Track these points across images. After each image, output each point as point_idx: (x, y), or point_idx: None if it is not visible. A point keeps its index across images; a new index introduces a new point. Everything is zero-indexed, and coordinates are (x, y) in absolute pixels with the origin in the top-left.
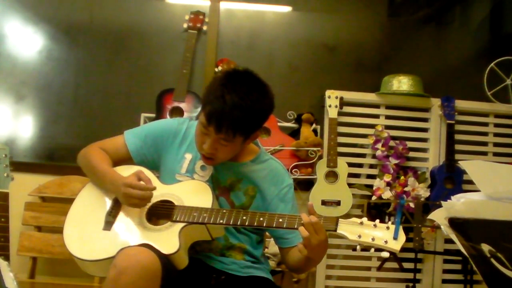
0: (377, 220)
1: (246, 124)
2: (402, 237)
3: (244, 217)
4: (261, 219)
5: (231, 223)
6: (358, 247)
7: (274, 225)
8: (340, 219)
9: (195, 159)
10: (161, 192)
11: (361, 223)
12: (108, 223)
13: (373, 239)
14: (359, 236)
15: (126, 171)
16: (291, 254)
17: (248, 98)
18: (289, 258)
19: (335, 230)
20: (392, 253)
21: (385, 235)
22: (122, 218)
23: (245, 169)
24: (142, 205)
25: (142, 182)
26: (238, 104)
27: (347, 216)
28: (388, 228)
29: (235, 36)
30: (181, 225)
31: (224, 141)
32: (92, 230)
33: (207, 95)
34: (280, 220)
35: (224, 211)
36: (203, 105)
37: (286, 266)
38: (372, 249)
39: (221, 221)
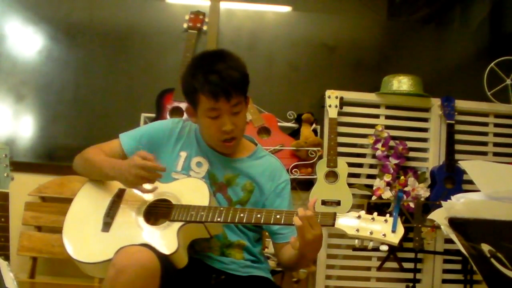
0: (375, 213)
1: (243, 81)
2: (400, 229)
3: (242, 214)
4: (259, 215)
5: (228, 220)
6: (356, 241)
7: (271, 222)
8: (337, 214)
9: (190, 157)
10: (158, 191)
11: (359, 217)
12: (106, 224)
13: (371, 233)
14: (357, 230)
15: None
16: (284, 250)
17: (232, 60)
18: (282, 254)
19: (333, 225)
20: (392, 253)
21: (384, 228)
22: (120, 219)
23: (241, 164)
24: (151, 180)
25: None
26: (229, 66)
27: None
28: (386, 221)
29: (235, 36)
30: (179, 224)
31: (236, 107)
32: (91, 232)
33: (192, 84)
34: (278, 216)
35: (222, 208)
36: (195, 95)
37: (280, 263)
38: (371, 243)
39: (218, 219)
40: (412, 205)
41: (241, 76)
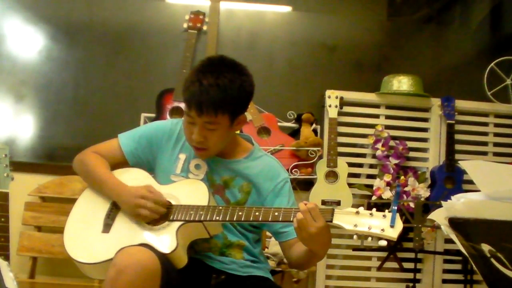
0: (374, 209)
1: (226, 102)
2: (399, 224)
3: (240, 213)
4: (257, 213)
5: (227, 219)
6: (355, 237)
7: (269, 219)
8: (336, 210)
9: (189, 159)
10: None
11: (357, 212)
12: (107, 226)
13: (369, 228)
14: (355, 226)
15: (123, 175)
16: (293, 249)
17: (224, 77)
18: (291, 254)
19: (331, 221)
20: (392, 253)
21: (382, 223)
22: (120, 220)
23: (239, 166)
24: (150, 218)
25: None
26: (214, 84)
27: None
28: (384, 216)
29: (235, 36)
30: (178, 223)
31: (209, 124)
32: (91, 233)
33: (184, 84)
34: (276, 213)
35: (220, 207)
36: (183, 94)
37: (289, 263)
38: (369, 238)
39: (217, 217)
40: (412, 205)
41: (224, 98)
